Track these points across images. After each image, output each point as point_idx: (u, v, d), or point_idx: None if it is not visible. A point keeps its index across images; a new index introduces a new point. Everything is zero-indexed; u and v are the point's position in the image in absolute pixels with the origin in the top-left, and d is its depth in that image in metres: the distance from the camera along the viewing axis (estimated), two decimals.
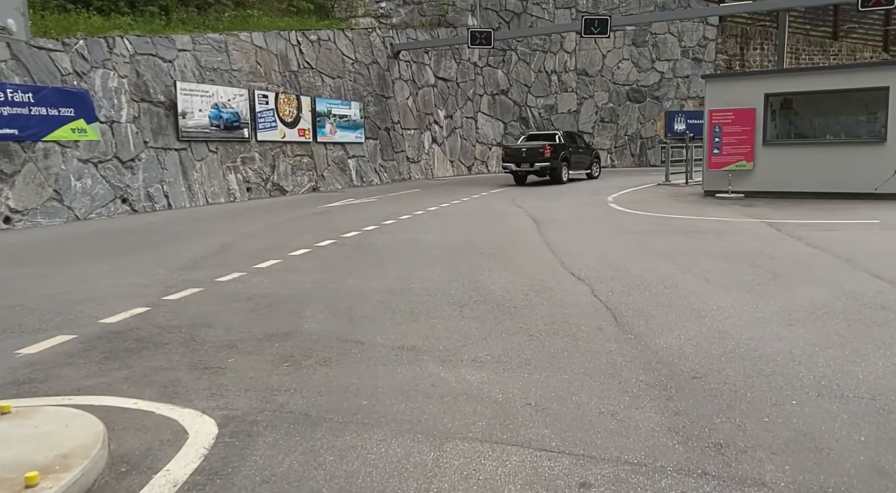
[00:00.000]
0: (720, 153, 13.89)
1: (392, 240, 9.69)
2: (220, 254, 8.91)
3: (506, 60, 29.04)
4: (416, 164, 24.57)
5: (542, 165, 19.96)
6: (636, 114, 29.29)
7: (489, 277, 7.01)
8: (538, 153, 19.96)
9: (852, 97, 12.70)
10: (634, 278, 6.74)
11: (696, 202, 13.75)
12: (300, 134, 18.70)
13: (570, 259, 7.85)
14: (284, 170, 18.08)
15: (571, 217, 11.90)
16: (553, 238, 9.48)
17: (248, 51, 17.10)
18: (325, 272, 7.44)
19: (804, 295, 5.89)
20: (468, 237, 9.78)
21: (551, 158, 19.91)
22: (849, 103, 12.92)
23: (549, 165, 19.97)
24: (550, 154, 19.89)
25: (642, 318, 5.34)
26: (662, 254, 8.04)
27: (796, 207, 12.24)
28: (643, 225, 10.61)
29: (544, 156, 19.87)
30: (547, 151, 19.86)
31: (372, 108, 22.15)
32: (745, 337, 4.78)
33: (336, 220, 12.42)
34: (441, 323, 5.32)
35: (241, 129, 16.68)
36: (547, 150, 19.85)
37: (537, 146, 20.26)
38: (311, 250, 8.88)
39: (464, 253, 8.47)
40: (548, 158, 19.85)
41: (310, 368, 4.35)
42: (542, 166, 20.01)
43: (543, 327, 5.15)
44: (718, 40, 28.28)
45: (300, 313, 5.71)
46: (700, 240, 9.01)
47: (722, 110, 13.73)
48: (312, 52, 19.52)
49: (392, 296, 6.25)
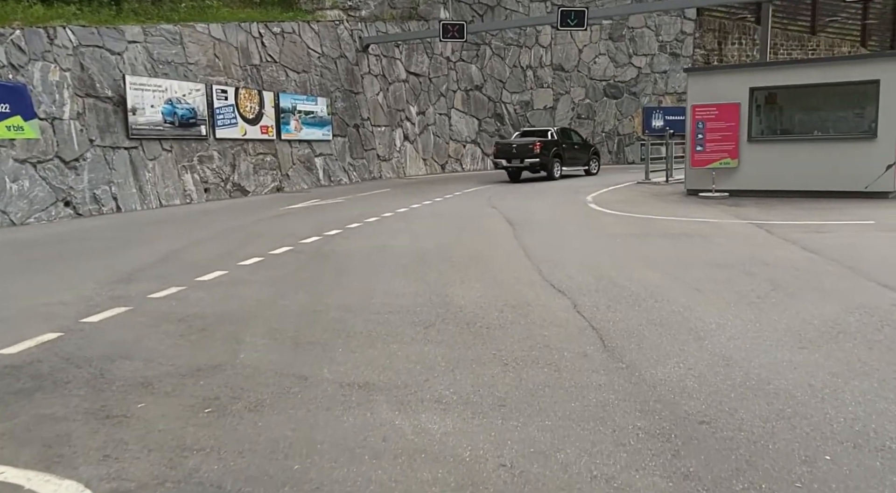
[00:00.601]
0: (703, 150, 13.29)
1: (355, 246, 8.89)
2: (161, 264, 8.04)
3: (480, 55, 28.30)
4: (388, 162, 23.74)
5: (532, 161, 19.89)
6: (613, 110, 28.75)
7: (460, 289, 6.26)
8: (528, 149, 19.88)
9: (841, 91, 12.17)
10: (620, 290, 6.04)
11: (679, 202, 13.13)
12: (263, 131, 17.78)
13: (549, 267, 7.14)
14: (246, 169, 17.15)
15: (549, 219, 11.19)
16: (530, 242, 8.77)
17: (205, 43, 16.14)
18: (276, 286, 6.63)
19: (811, 310, 5.22)
20: (439, 242, 9.03)
21: (541, 154, 19.82)
22: (837, 98, 12.39)
23: (539, 161, 19.89)
24: (540, 150, 19.81)
25: (633, 340, 4.63)
26: (649, 260, 7.35)
27: (784, 206, 11.67)
28: (625, 227, 9.94)
29: (534, 152, 19.79)
30: (536, 147, 19.74)
31: (340, 104, 21.27)
32: (753, 365, 4.08)
33: (297, 223, 11.58)
34: (402, 349, 4.56)
35: (198, 126, 15.74)
36: (537, 146, 19.72)
37: (527, 142, 20.20)
38: (263, 259, 8.05)
39: (433, 261, 7.72)
40: (537, 154, 19.78)
41: (236, 415, 3.56)
42: (532, 162, 19.93)
43: (520, 354, 4.42)
44: (696, 35, 27.83)
45: (238, 339, 4.91)
46: (687, 244, 8.35)
47: (705, 105, 13.12)
48: (276, 45, 18.60)
49: (348, 314, 5.47)
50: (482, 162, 28.94)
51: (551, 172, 20.43)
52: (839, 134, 12.29)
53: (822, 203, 11.71)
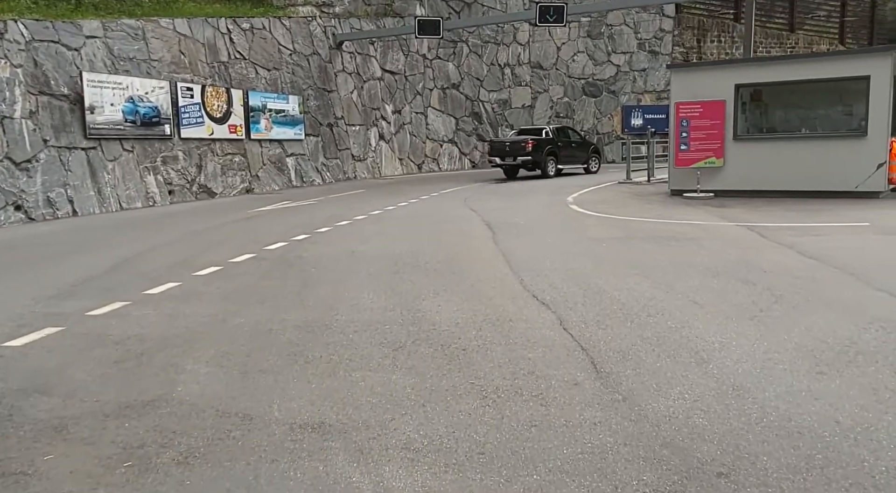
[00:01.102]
0: (688, 149, 12.84)
1: (324, 252, 8.28)
2: (109, 274, 7.37)
3: (456, 53, 27.73)
4: (362, 162, 23.09)
5: (524, 158, 20.09)
6: (592, 109, 28.35)
7: (434, 302, 5.68)
8: (520, 147, 20.10)
9: (830, 88, 11.78)
10: (610, 302, 5.51)
11: (664, 203, 12.67)
12: (231, 130, 17.05)
13: (532, 276, 6.59)
14: (213, 170, 16.41)
15: (530, 221, 10.66)
16: (511, 248, 8.22)
17: (169, 39, 15.39)
18: (231, 300, 6.00)
19: (822, 325, 4.72)
20: (413, 247, 8.45)
21: (533, 152, 20.00)
22: (826, 94, 12.00)
23: (531, 158, 20.08)
24: (532, 148, 19.99)
25: (628, 363, 4.10)
26: (638, 267, 6.83)
27: (773, 207, 11.25)
28: (610, 230, 9.42)
29: (525, 150, 19.97)
30: (528, 145, 19.96)
31: (313, 102, 20.59)
32: (768, 396, 3.56)
33: (264, 227, 10.93)
34: (366, 378, 3.98)
35: (162, 125, 14.99)
36: (529, 144, 19.95)
37: (520, 140, 20.45)
38: (222, 268, 7.41)
39: (407, 268, 7.14)
40: (529, 151, 19.96)
41: (160, 471, 2.95)
42: (524, 160, 20.12)
43: (502, 383, 3.86)
44: (675, 32, 27.52)
45: (179, 366, 4.29)
46: (677, 249, 7.85)
47: (689, 103, 12.68)
48: (245, 41, 17.88)
49: (308, 335, 4.87)
50: (459, 162, 28.39)
51: (545, 170, 20.46)
52: (828, 132, 11.91)
53: (811, 204, 11.31)
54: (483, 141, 28.68)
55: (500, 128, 28.72)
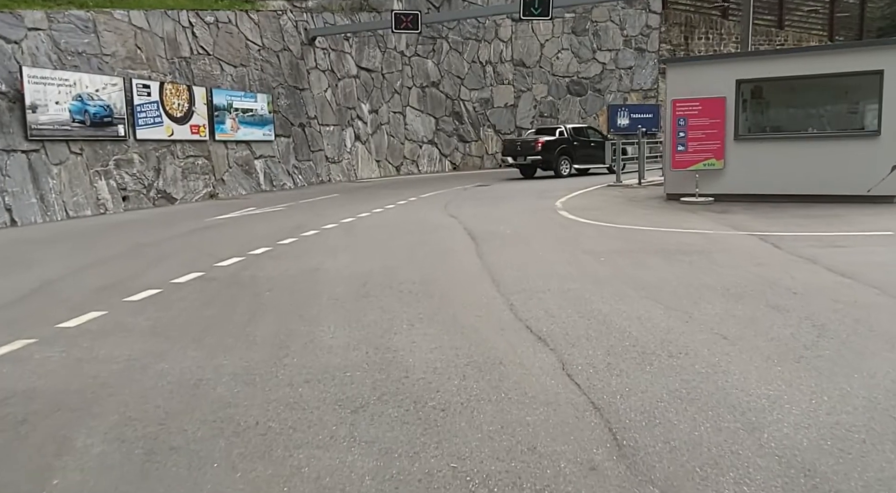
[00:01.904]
0: (685, 150, 11.93)
1: (283, 270, 7.21)
2: (24, 301, 6.25)
3: (436, 49, 26.70)
4: (337, 164, 21.97)
5: (534, 158, 20.04)
6: (577, 108, 27.48)
7: (408, 338, 4.67)
8: (530, 147, 20.12)
9: (839, 83, 10.93)
10: (620, 336, 4.55)
11: (660, 208, 11.75)
12: (193, 131, 15.88)
13: (523, 299, 5.61)
14: (173, 174, 15.23)
15: (517, 231, 9.67)
16: (497, 263, 7.22)
17: (124, 32, 14.21)
18: (162, 335, 4.93)
19: (889, 370, 3.78)
20: (387, 263, 7.42)
21: (543, 152, 19.93)
22: (835, 90, 11.15)
23: (541, 158, 20.00)
24: (542, 147, 19.95)
25: (658, 432, 3.12)
26: (646, 288, 5.87)
27: (780, 213, 10.37)
28: (607, 241, 8.45)
29: (535, 149, 19.94)
30: (539, 144, 19.83)
31: (283, 101, 19.45)
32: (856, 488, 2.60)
33: (221, 238, 9.84)
34: (312, 462, 2.96)
35: (115, 125, 13.80)
36: (539, 143, 19.83)
37: (531, 140, 20.46)
38: (160, 292, 6.32)
39: (377, 290, 6.11)
40: (539, 151, 19.92)
41: None
42: (534, 159, 20.07)
43: (493, 468, 2.86)
44: (662, 29, 26.75)
45: (66, 443, 3.23)
46: (686, 264, 6.90)
47: (687, 100, 11.77)
48: (209, 36, 16.72)
49: (245, 389, 3.83)
50: (440, 163, 27.37)
51: (557, 169, 20.27)
52: (837, 131, 11.05)
53: (821, 209, 10.43)
54: (464, 142, 27.71)
55: (482, 128, 27.76)
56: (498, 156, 28.27)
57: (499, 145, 28.12)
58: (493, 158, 28.21)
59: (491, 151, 28.13)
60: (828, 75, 10.81)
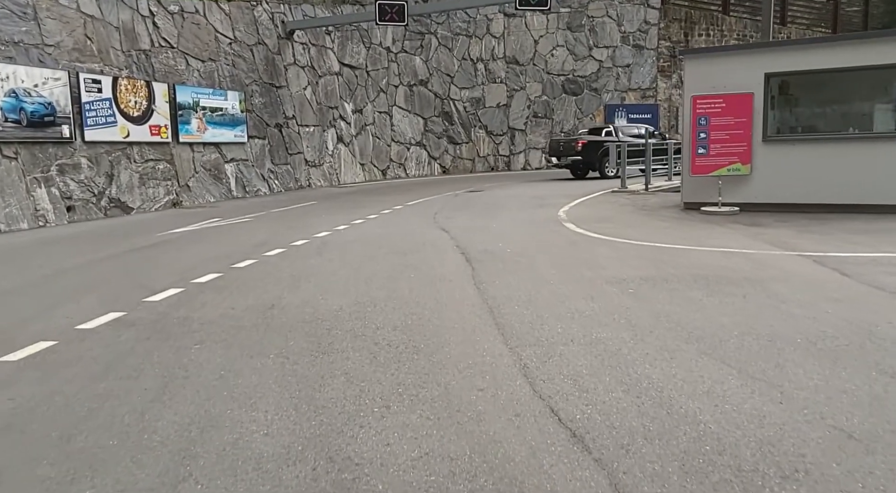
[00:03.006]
0: (707, 153, 10.48)
1: (226, 310, 5.65)
2: None
3: (424, 46, 25.17)
4: (318, 168, 20.39)
5: (574, 158, 19.66)
6: (573, 108, 26.04)
7: (378, 437, 3.17)
8: (571, 147, 19.82)
9: (886, 76, 9.49)
10: (693, 431, 3.10)
11: (680, 220, 10.28)
12: (153, 132, 14.27)
13: (540, 357, 4.16)
14: (128, 180, 13.60)
15: (519, 248, 8.16)
16: (499, 297, 5.72)
17: (71, 20, 12.60)
18: (10, 438, 3.37)
19: None
20: (360, 297, 5.90)
21: (583, 152, 19.50)
22: (881, 84, 9.71)
23: (581, 158, 19.57)
24: (583, 147, 19.55)
25: None
26: (702, 339, 4.41)
27: (823, 227, 8.93)
28: (630, 265, 6.95)
29: (576, 149, 19.60)
30: (579, 144, 19.36)
31: (258, 99, 17.87)
32: None
33: (165, 260, 8.26)
34: None
35: (59, 125, 12.17)
36: (579, 143, 19.34)
37: (571, 139, 20.15)
38: (52, 345, 4.75)
39: (343, 342, 4.61)
40: (579, 151, 19.53)
41: None
42: (574, 160, 19.70)
43: None
44: (661, 25, 25.37)
45: None
46: (739, 299, 5.43)
47: (708, 96, 10.33)
48: (173, 27, 15.12)
49: None
50: (428, 167, 25.84)
51: (602, 170, 19.53)
52: (885, 131, 9.61)
53: (869, 222, 9.00)
54: (454, 144, 26.22)
55: (473, 129, 26.26)
56: (490, 158, 26.81)
57: (490, 147, 26.68)
58: (485, 160, 26.74)
59: (483, 154, 26.66)
60: (875, 67, 9.38)
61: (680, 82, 26.46)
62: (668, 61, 25.99)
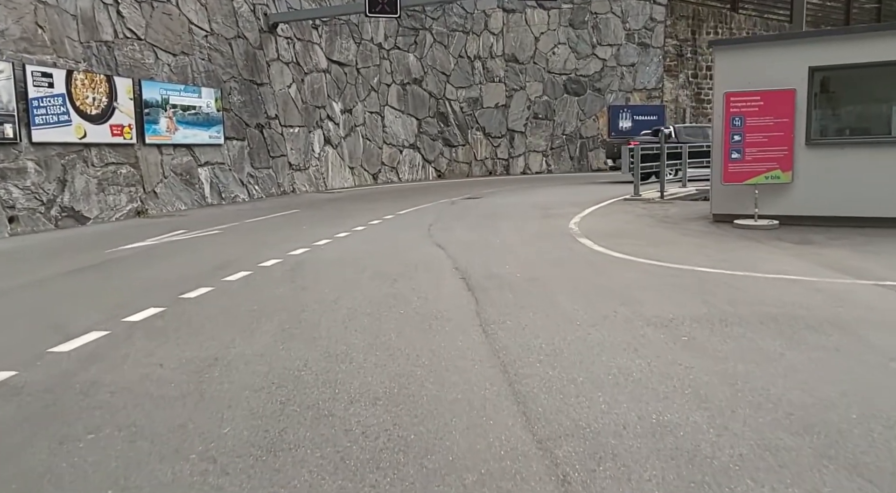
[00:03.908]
0: (742, 158, 9.14)
1: (151, 369, 4.24)
2: None
3: (418, 42, 23.80)
4: (303, 172, 18.98)
5: None
6: (575, 109, 24.75)
7: None
8: None
9: None
10: None
11: (711, 235, 8.94)
12: (114, 132, 12.82)
13: (584, 463, 2.81)
14: (85, 186, 12.15)
15: (529, 272, 6.79)
16: (514, 347, 4.38)
17: (19, 6, 11.18)
18: None
19: None
20: (332, 347, 4.54)
21: None
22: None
23: None
24: None
25: None
26: (813, 431, 3.11)
27: (883, 245, 7.63)
28: (671, 298, 5.58)
29: None
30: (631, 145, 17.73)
31: (236, 97, 16.46)
32: None
33: (97, 287, 6.84)
34: None
35: (1, 124, 10.75)
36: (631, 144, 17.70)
37: (623, 141, 18.70)
38: None
39: (298, 432, 3.27)
40: None
41: None
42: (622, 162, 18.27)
43: None
44: (667, 22, 24.12)
45: None
46: (831, 355, 4.11)
47: (744, 94, 9.00)
48: (139, 16, 13.71)
49: None
50: (423, 171, 24.46)
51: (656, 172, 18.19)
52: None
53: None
54: (450, 147, 24.88)
55: (470, 130, 24.91)
56: (488, 161, 25.48)
57: (488, 150, 25.35)
58: (483, 164, 25.39)
59: (480, 157, 25.31)
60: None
61: (687, 82, 25.21)
62: (674, 60, 24.74)
